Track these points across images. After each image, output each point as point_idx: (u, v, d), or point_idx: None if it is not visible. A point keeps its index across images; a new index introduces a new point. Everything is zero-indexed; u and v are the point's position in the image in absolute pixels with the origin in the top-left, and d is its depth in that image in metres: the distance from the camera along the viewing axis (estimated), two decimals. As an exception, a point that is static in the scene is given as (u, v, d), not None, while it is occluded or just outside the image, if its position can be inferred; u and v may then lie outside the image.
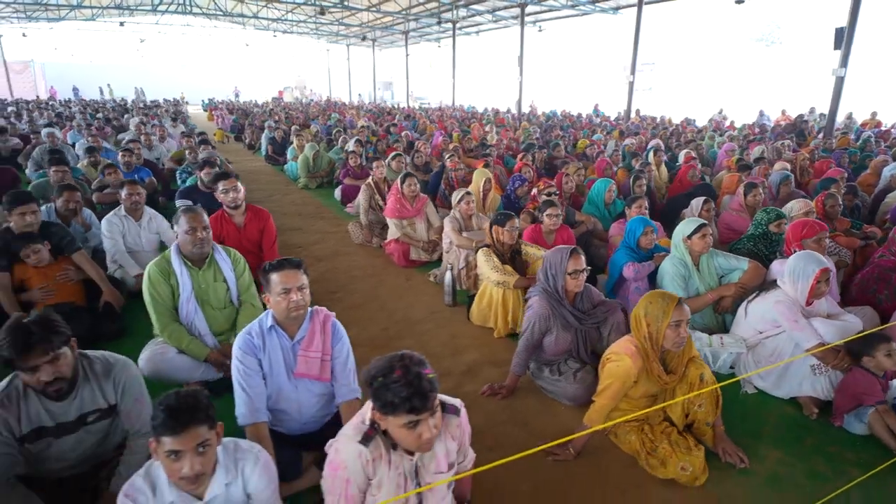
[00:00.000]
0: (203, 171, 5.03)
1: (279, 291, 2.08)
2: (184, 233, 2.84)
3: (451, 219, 4.27)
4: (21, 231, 3.45)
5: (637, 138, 9.31)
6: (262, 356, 2.13)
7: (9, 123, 11.28)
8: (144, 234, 4.18)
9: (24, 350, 1.65)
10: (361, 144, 7.69)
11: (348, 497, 1.47)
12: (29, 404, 1.79)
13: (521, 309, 3.32)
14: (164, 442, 1.38)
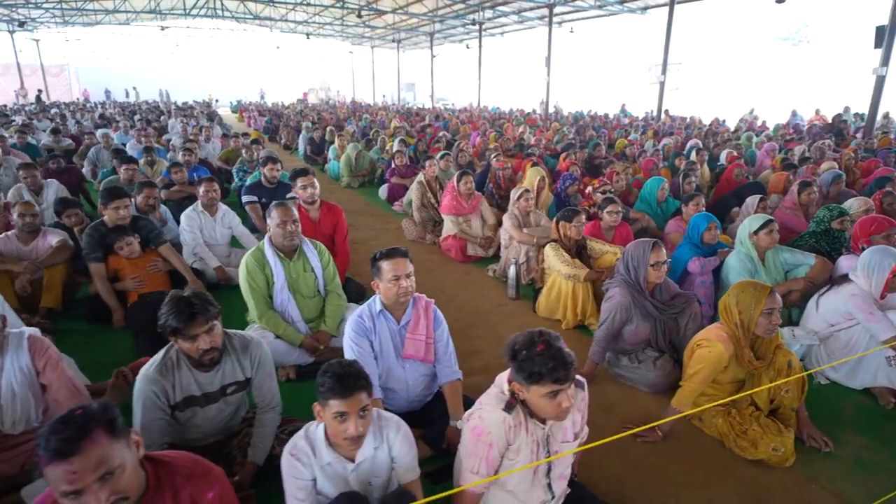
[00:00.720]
0: (266, 167, 5.25)
1: (390, 278, 2.24)
2: (276, 226, 3.03)
3: (509, 215, 4.41)
4: (114, 224, 3.69)
5: (673, 138, 9.33)
6: (374, 338, 2.30)
7: (61, 124, 11.73)
8: (219, 229, 4.39)
9: (189, 319, 1.82)
10: (405, 144, 7.87)
11: (489, 460, 1.61)
12: (182, 374, 1.97)
13: (590, 301, 3.45)
14: (332, 405, 1.54)
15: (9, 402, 2.00)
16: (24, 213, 3.62)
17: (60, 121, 13.75)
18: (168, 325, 1.84)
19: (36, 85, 29.33)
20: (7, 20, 26.24)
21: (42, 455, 1.12)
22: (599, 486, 2.13)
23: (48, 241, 3.71)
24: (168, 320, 1.84)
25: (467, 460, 1.64)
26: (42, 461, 1.12)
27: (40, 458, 1.12)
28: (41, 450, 1.12)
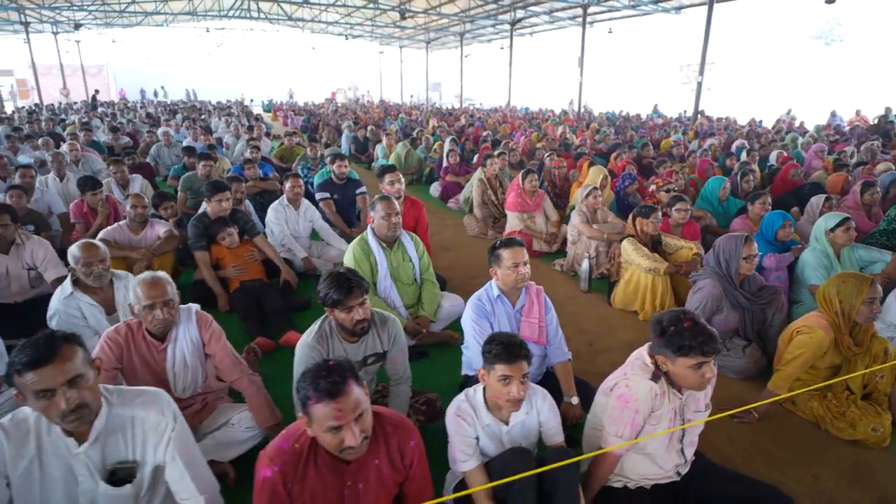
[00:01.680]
0: (335, 164, 5.51)
1: (509, 265, 2.45)
2: (380, 218, 3.27)
3: (578, 212, 4.58)
4: (216, 216, 3.97)
5: (716, 138, 9.37)
6: (493, 320, 2.51)
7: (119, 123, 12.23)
8: (301, 222, 4.65)
9: (348, 292, 2.05)
10: (455, 143, 8.08)
11: (633, 425, 1.81)
12: (333, 344, 2.20)
13: (668, 294, 3.61)
14: (497, 369, 1.75)
15: (181, 369, 2.26)
16: (136, 204, 3.92)
17: (112, 119, 14.31)
18: (329, 297, 2.07)
19: (75, 85, 30.38)
20: (52, 22, 27.32)
21: (312, 395, 1.34)
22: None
23: (156, 231, 4.00)
24: (329, 293, 2.07)
25: (612, 425, 1.84)
26: (312, 400, 1.34)
27: (309, 398, 1.35)
28: (311, 391, 1.34)
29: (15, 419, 1.48)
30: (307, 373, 1.40)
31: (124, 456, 1.57)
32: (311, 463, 1.47)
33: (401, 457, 1.57)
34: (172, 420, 1.60)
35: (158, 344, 2.21)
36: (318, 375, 1.36)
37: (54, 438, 1.49)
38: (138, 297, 2.11)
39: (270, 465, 1.45)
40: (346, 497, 1.51)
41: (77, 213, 4.53)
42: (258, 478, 1.47)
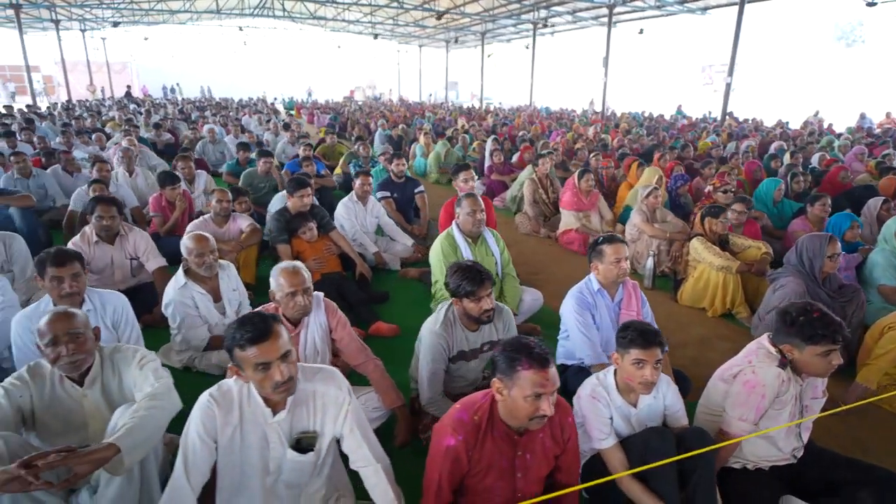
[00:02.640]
0: (393, 164, 5.68)
1: (612, 261, 2.59)
2: (466, 214, 3.43)
3: (638, 211, 4.70)
4: (297, 211, 4.14)
5: (753, 140, 9.41)
6: (595, 312, 2.65)
7: (161, 119, 12.50)
8: (369, 218, 4.82)
9: (480, 283, 2.20)
10: (498, 143, 8.21)
11: (758, 409, 1.94)
12: (456, 331, 2.36)
13: (739, 291, 3.72)
14: (632, 353, 1.88)
15: (311, 353, 2.42)
16: (221, 199, 4.11)
17: (146, 116, 14.60)
18: (462, 287, 2.22)
19: (100, 82, 30.90)
20: (80, 19, 27.83)
21: (524, 361, 1.52)
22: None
23: (238, 225, 4.19)
24: (462, 284, 2.22)
25: (737, 409, 1.97)
26: (523, 366, 1.51)
27: (521, 363, 1.51)
28: (524, 358, 1.52)
29: (221, 390, 1.65)
30: (519, 346, 1.54)
31: (307, 426, 1.73)
32: (489, 434, 1.63)
33: (561, 431, 1.72)
34: (349, 395, 1.76)
35: (292, 328, 2.38)
36: (523, 347, 1.51)
37: (253, 408, 1.65)
38: (281, 285, 2.27)
39: (454, 434, 1.60)
40: (516, 466, 1.67)
41: (156, 207, 4.73)
42: (441, 446, 1.62)
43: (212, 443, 1.61)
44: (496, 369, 1.58)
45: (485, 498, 1.69)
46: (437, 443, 1.65)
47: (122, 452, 1.59)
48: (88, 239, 3.48)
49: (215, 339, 3.04)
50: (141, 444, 1.67)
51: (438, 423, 1.71)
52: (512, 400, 1.54)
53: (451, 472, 1.62)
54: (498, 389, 1.57)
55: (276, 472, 1.71)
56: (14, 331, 2.34)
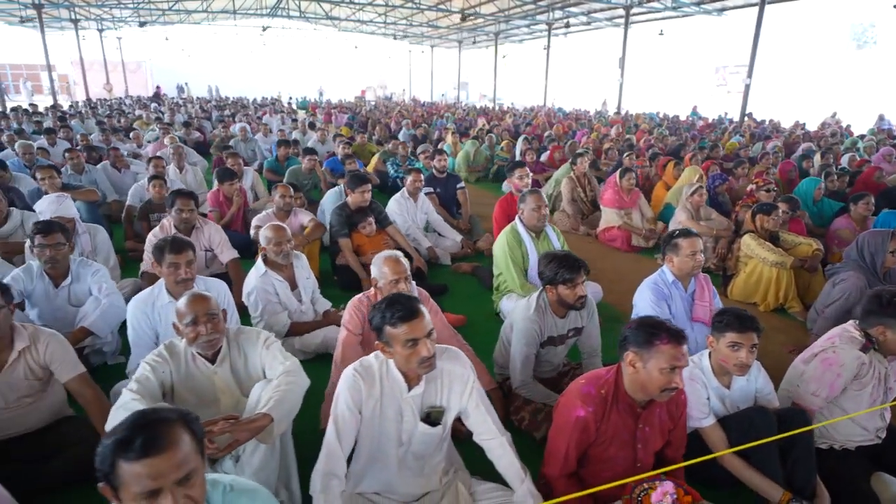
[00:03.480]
0: (435, 160, 5.82)
1: (688, 253, 2.72)
2: (531, 210, 3.55)
3: (683, 209, 4.81)
4: (356, 206, 4.28)
5: (778, 140, 9.49)
6: (671, 302, 2.77)
7: (191, 118, 12.68)
8: (419, 214, 4.96)
9: (577, 271, 2.33)
10: (528, 142, 8.34)
11: (832, 386, 2.07)
12: (546, 318, 2.48)
13: (792, 287, 3.83)
14: (728, 336, 2.00)
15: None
16: (284, 194, 4.25)
17: (170, 114, 14.81)
18: (561, 275, 2.34)
19: (115, 81, 31.19)
20: (97, 19, 28.16)
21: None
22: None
23: (299, 220, 4.33)
24: (560, 271, 2.34)
25: (811, 384, 2.12)
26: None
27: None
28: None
29: (364, 366, 1.79)
30: (656, 322, 1.69)
31: (435, 402, 1.86)
32: (614, 406, 1.76)
33: (675, 407, 1.85)
34: (472, 373, 1.89)
35: (390, 315, 2.51)
36: (661, 324, 1.65)
37: (392, 383, 1.79)
38: (384, 273, 2.41)
39: (584, 406, 1.73)
40: (637, 437, 1.79)
41: (214, 202, 4.88)
42: (570, 417, 1.75)
43: (358, 413, 1.74)
44: (630, 343, 1.70)
45: (607, 467, 1.81)
46: (566, 414, 1.77)
47: (275, 422, 1.73)
48: (167, 231, 3.63)
49: (295, 326, 3.18)
50: (286, 416, 1.81)
51: (564, 396, 1.84)
52: (647, 372, 1.66)
53: (578, 441, 1.75)
54: (631, 362, 1.69)
55: (408, 443, 1.84)
56: (131, 314, 2.48)
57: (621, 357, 1.76)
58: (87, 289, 2.90)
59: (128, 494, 1.06)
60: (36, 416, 2.18)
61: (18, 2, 20.50)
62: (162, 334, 2.53)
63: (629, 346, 1.70)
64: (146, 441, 1.07)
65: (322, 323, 3.26)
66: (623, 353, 1.73)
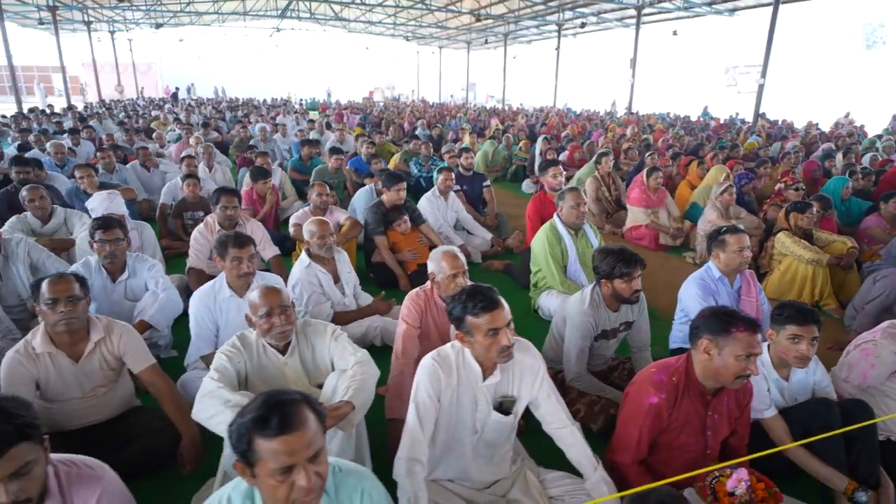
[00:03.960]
0: (462, 157, 5.87)
1: (735, 250, 2.76)
2: (570, 207, 3.60)
3: (713, 208, 4.84)
4: (391, 205, 4.34)
5: (796, 140, 9.50)
6: (718, 298, 2.81)
7: (210, 118, 12.78)
8: (449, 213, 5.00)
9: (635, 265, 2.37)
10: (548, 142, 8.38)
11: (864, 376, 2.18)
12: (600, 312, 2.52)
13: (827, 284, 3.86)
14: (788, 328, 2.03)
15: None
16: (321, 192, 4.31)
17: (187, 115, 14.93)
18: (618, 269, 2.39)
19: (126, 82, 31.42)
20: (109, 21, 28.38)
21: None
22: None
23: (335, 217, 4.38)
24: (618, 266, 2.39)
25: (844, 371, 2.26)
26: None
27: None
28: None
29: (441, 355, 1.84)
30: (732, 312, 1.74)
31: (507, 391, 1.91)
32: (685, 394, 1.80)
33: (742, 395, 1.89)
34: (542, 363, 1.94)
35: (444, 306, 2.56)
36: (736, 313, 1.70)
37: (468, 372, 1.83)
38: (442, 268, 2.46)
39: (657, 393, 1.78)
40: (707, 425, 1.83)
41: (248, 200, 4.93)
42: (643, 404, 1.80)
43: (437, 401, 1.79)
44: (704, 331, 1.74)
45: (677, 454, 1.86)
46: (638, 402, 1.82)
47: (356, 410, 1.78)
48: (211, 228, 3.70)
49: (337, 316, 3.23)
50: (364, 405, 1.86)
51: (635, 384, 1.89)
52: (722, 359, 1.70)
53: (651, 428, 1.80)
54: (706, 349, 1.73)
55: (481, 431, 1.88)
56: (194, 307, 2.55)
57: (693, 345, 1.80)
58: (142, 283, 2.96)
59: (264, 470, 1.11)
60: (109, 405, 2.24)
61: (34, 4, 20.73)
62: (222, 327, 2.60)
63: (703, 335, 1.74)
64: (281, 419, 1.12)
65: (365, 311, 3.31)
66: (696, 341, 1.77)
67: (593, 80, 33.52)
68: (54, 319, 2.01)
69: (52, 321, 2.02)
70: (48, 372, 2.06)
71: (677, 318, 2.99)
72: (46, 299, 2.01)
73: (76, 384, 2.12)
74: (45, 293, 2.01)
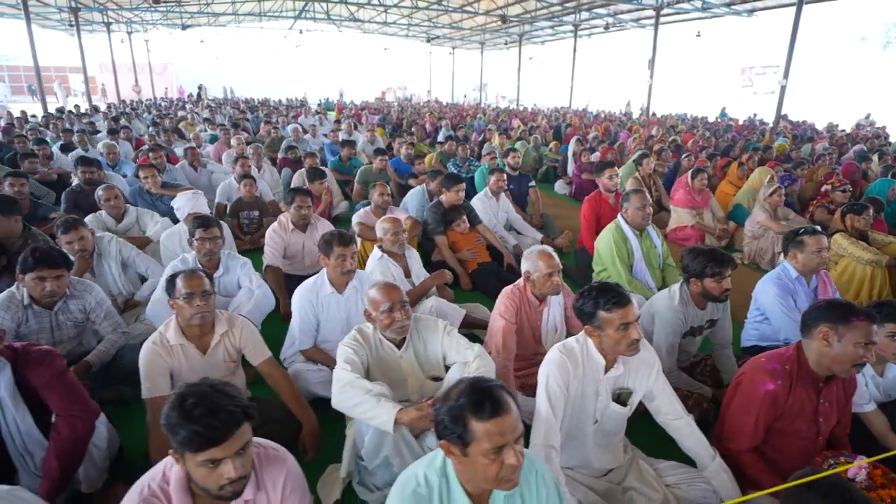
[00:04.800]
0: (508, 157, 5.96)
1: (814, 250, 2.83)
2: (636, 208, 3.68)
3: (762, 209, 4.91)
4: (450, 205, 4.44)
5: (825, 142, 9.53)
6: (796, 297, 2.89)
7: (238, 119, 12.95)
8: (500, 213, 5.10)
9: (726, 264, 2.45)
10: (581, 143, 8.45)
11: None
12: (689, 309, 2.61)
13: (886, 285, 3.92)
14: (888, 326, 2.11)
15: (551, 328, 2.70)
16: (382, 192, 4.41)
17: (211, 116, 15.10)
18: (710, 268, 2.47)
19: (142, 83, 31.74)
20: (127, 22, 28.70)
21: None
22: None
23: (396, 217, 4.49)
24: (710, 265, 2.47)
25: None
26: None
27: None
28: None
29: (567, 348, 1.94)
30: (847, 302, 1.82)
31: (623, 384, 2.00)
32: (798, 382, 1.89)
33: (850, 384, 1.99)
34: (657, 358, 2.03)
35: (538, 304, 2.67)
36: (850, 304, 1.78)
37: (591, 364, 1.93)
38: (538, 267, 2.56)
39: (773, 380, 1.87)
40: (819, 412, 1.92)
41: (304, 200, 5.05)
42: (759, 391, 1.89)
43: (566, 392, 1.89)
44: (823, 319, 1.82)
45: (790, 441, 1.94)
46: (753, 390, 1.91)
47: None
48: (285, 227, 3.82)
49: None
50: None
51: (746, 374, 1.98)
52: (841, 346, 1.79)
53: (767, 414, 1.89)
54: (825, 336, 1.81)
55: (600, 421, 1.98)
56: (297, 302, 2.66)
57: (808, 334, 1.88)
58: (235, 280, 3.08)
59: (478, 450, 1.22)
60: (229, 395, 2.35)
61: (56, 6, 21.02)
62: (322, 322, 2.71)
63: (822, 323, 1.82)
64: (493, 403, 1.22)
65: (428, 283, 3.45)
66: (813, 329, 1.85)
67: (607, 80, 33.46)
68: (191, 313, 2.13)
69: (188, 314, 2.13)
70: (180, 362, 2.18)
71: (751, 316, 3.07)
72: (183, 294, 2.12)
73: (203, 374, 2.22)
74: (181, 288, 2.13)
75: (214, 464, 1.25)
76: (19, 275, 2.39)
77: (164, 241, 3.64)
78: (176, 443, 1.26)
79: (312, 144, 9.96)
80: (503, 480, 1.24)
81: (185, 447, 1.24)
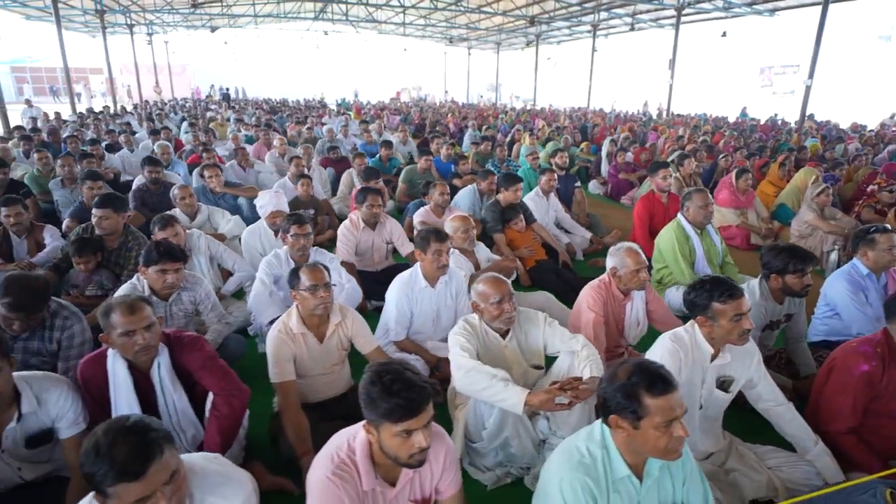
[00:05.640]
0: (556, 157, 6.10)
1: (885, 248, 2.93)
2: (699, 207, 3.79)
3: (809, 209, 5.00)
4: (507, 203, 4.58)
5: (857, 143, 9.54)
6: (867, 293, 2.99)
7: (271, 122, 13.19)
8: (550, 212, 5.23)
9: (809, 261, 2.56)
10: (615, 143, 8.56)
11: None
12: (769, 303, 2.72)
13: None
14: None
15: (634, 321, 2.83)
16: (443, 192, 4.55)
17: (238, 116, 15.35)
18: (792, 265, 2.57)
19: (162, 83, 32.19)
20: (147, 24, 29.14)
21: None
22: None
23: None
24: (792, 262, 2.58)
25: None
26: None
27: None
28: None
29: (677, 336, 2.07)
30: None
31: (726, 372, 2.13)
32: (891, 363, 2.02)
33: None
34: (757, 348, 2.16)
35: (622, 298, 2.79)
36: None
37: (698, 353, 2.06)
38: (626, 263, 2.68)
39: (867, 361, 2.01)
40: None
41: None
42: (854, 373, 2.01)
43: (678, 378, 2.01)
44: None
45: (886, 422, 2.06)
46: (848, 372, 2.04)
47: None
48: (356, 225, 3.97)
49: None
50: None
51: (838, 359, 2.11)
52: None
53: (864, 394, 2.02)
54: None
55: (704, 406, 2.11)
56: (395, 296, 2.81)
57: (893, 320, 2.00)
58: (323, 275, 3.23)
59: (650, 423, 1.36)
60: (340, 381, 2.51)
61: (81, 8, 21.44)
62: (416, 314, 2.86)
63: None
64: (664, 381, 1.38)
65: (492, 268, 3.63)
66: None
67: (625, 80, 33.41)
68: (314, 303, 2.28)
69: (312, 305, 2.29)
70: (301, 350, 2.33)
71: (820, 312, 3.17)
72: (308, 286, 2.28)
73: (320, 361, 2.40)
74: (305, 281, 2.29)
75: (408, 434, 1.40)
76: (142, 267, 2.56)
77: (246, 238, 3.81)
78: (375, 415, 1.40)
79: (346, 144, 10.13)
80: (670, 451, 1.38)
81: (386, 418, 1.38)
